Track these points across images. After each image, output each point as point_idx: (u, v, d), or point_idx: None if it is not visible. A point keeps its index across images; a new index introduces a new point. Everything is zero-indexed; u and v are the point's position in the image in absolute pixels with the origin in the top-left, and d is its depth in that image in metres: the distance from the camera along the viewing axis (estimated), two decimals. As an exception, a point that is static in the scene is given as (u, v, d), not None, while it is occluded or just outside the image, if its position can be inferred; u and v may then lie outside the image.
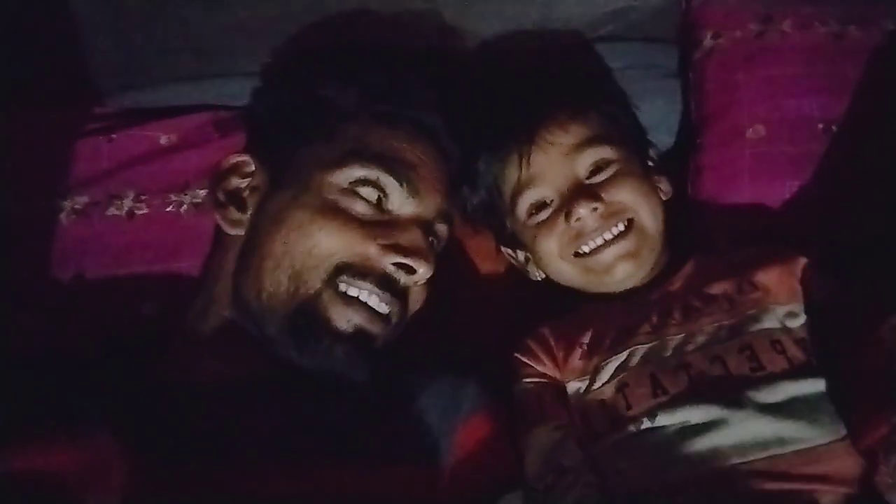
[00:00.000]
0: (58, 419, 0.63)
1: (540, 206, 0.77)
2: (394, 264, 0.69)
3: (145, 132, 0.91)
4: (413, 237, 0.70)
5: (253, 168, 0.75)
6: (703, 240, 0.85)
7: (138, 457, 0.62)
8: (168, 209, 0.87)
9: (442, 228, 0.76)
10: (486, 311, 0.89)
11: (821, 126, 0.82)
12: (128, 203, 0.87)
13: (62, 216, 0.85)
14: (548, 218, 0.76)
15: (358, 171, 0.70)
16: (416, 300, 0.75)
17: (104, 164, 0.88)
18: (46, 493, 0.59)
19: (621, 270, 0.74)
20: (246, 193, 0.74)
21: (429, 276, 0.70)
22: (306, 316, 0.67)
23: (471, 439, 0.69)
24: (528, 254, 0.83)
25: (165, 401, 0.67)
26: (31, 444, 0.61)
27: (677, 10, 0.93)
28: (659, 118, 0.92)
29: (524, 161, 0.76)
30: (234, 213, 0.73)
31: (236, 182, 0.75)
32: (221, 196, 0.74)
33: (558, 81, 0.81)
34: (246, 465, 0.63)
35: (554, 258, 0.77)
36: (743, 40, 0.87)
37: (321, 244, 0.67)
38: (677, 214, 0.85)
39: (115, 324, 0.82)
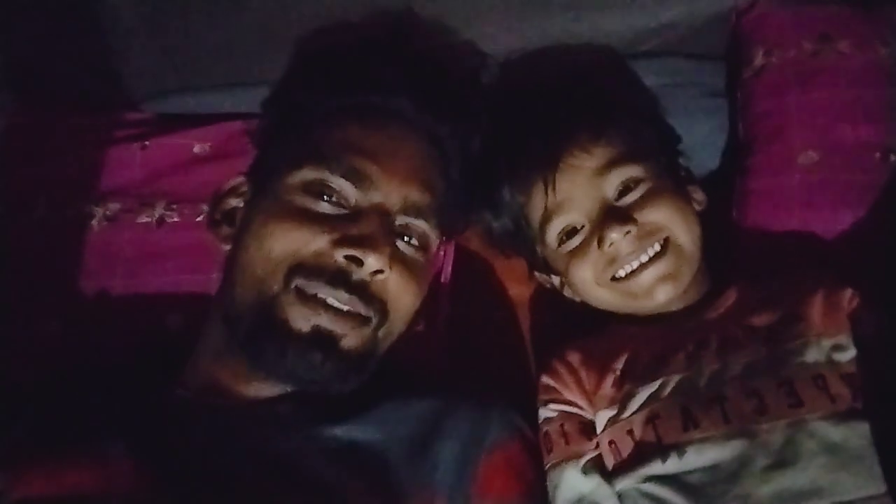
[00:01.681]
0: (75, 436, 0.64)
1: (570, 232, 0.74)
2: (345, 257, 0.65)
3: (179, 140, 0.91)
4: (364, 227, 0.66)
5: (245, 188, 0.76)
6: (747, 267, 0.81)
7: (155, 477, 0.62)
8: (199, 219, 0.86)
9: (418, 223, 0.71)
10: (514, 333, 0.87)
11: (878, 154, 0.78)
12: (159, 211, 0.88)
13: (94, 222, 0.86)
14: (580, 245, 0.74)
15: (309, 174, 0.68)
16: (398, 296, 0.69)
17: (137, 171, 0.89)
18: None
19: (662, 293, 0.71)
20: (239, 211, 0.75)
21: (380, 266, 0.65)
22: (265, 319, 0.65)
23: (496, 470, 0.67)
24: (563, 278, 0.80)
25: (183, 420, 0.67)
26: (47, 462, 0.61)
27: (726, 25, 0.88)
28: (703, 138, 0.89)
29: (550, 188, 0.73)
30: (225, 230, 0.74)
31: (234, 202, 0.76)
32: (217, 216, 0.76)
33: (579, 102, 0.79)
34: (256, 489, 0.62)
35: (590, 285, 0.75)
36: (797, 60, 0.82)
37: (275, 247, 0.66)
38: (721, 239, 0.82)
39: (139, 335, 0.82)
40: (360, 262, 0.65)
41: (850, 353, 0.64)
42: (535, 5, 0.85)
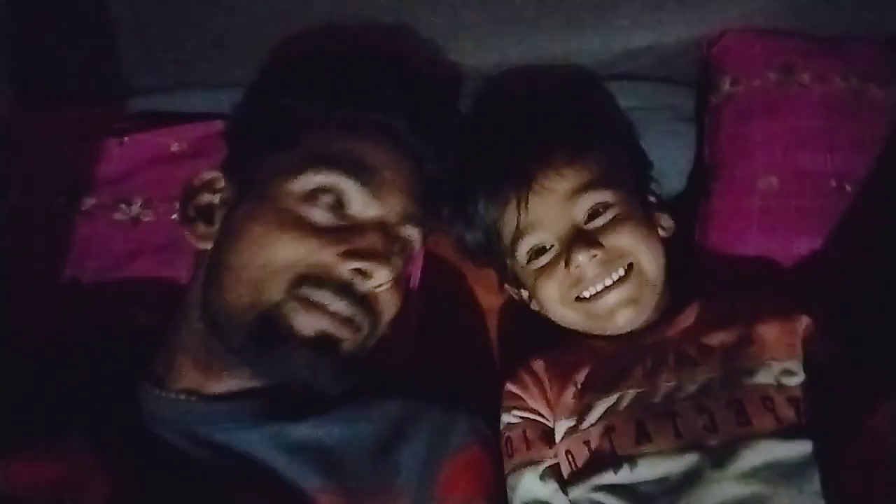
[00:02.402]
0: (38, 430, 0.63)
1: (540, 251, 0.76)
2: (351, 270, 0.67)
3: (157, 138, 0.91)
4: (370, 241, 0.68)
5: (222, 184, 0.75)
6: (707, 287, 0.84)
7: (117, 471, 0.62)
8: (173, 217, 0.87)
9: (410, 232, 0.74)
10: (482, 340, 0.89)
11: (834, 183, 0.82)
12: (135, 208, 0.88)
13: (68, 215, 0.86)
14: (548, 263, 0.76)
15: (315, 178, 0.69)
16: (387, 306, 0.72)
17: (114, 166, 0.89)
18: None
19: (623, 316, 0.74)
20: (216, 208, 0.74)
21: (387, 280, 0.68)
22: (269, 324, 0.66)
23: (459, 473, 0.69)
24: (530, 294, 0.82)
25: (147, 414, 0.67)
26: (9, 456, 0.61)
27: (696, 53, 0.92)
28: (671, 160, 0.92)
29: (522, 207, 0.75)
30: (201, 228, 0.73)
31: (208, 198, 0.75)
32: (192, 212, 0.74)
33: (555, 123, 0.80)
34: (219, 486, 0.63)
35: (555, 303, 0.77)
36: (761, 89, 0.86)
37: (278, 255, 0.66)
38: (682, 259, 0.84)
39: (107, 329, 0.81)
40: (368, 276, 0.67)
41: (798, 378, 0.67)
42: (515, 25, 0.87)
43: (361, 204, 0.70)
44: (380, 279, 0.68)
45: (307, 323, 0.66)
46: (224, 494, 0.63)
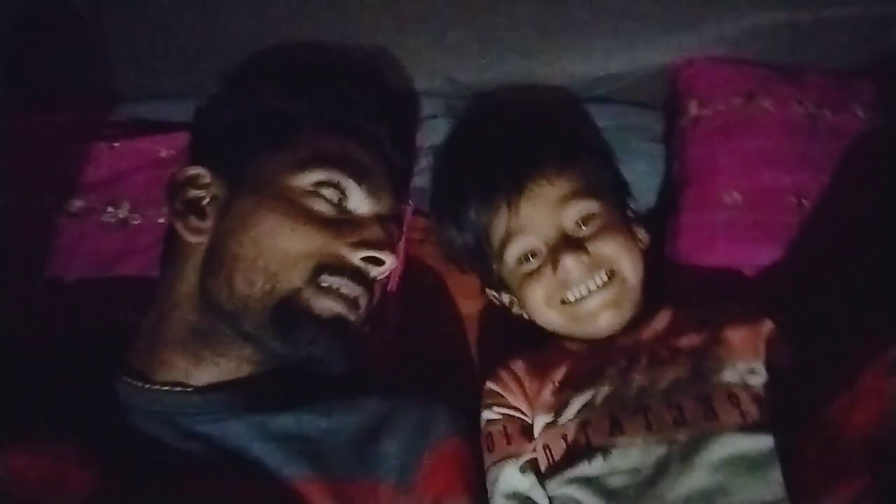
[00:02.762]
0: (19, 424, 0.64)
1: (529, 255, 0.79)
2: (363, 259, 0.73)
3: (146, 144, 0.93)
4: (375, 232, 0.75)
5: (208, 180, 0.77)
6: (677, 294, 0.87)
7: (100, 463, 0.63)
8: (160, 220, 0.88)
9: (394, 228, 0.80)
10: (461, 343, 0.91)
11: (793, 199, 0.86)
12: (122, 212, 0.90)
13: (56, 217, 0.87)
14: (536, 267, 0.79)
15: (319, 174, 0.74)
16: (377, 290, 0.78)
17: (103, 170, 0.91)
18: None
19: (605, 319, 0.77)
20: (205, 202, 0.76)
21: (393, 266, 0.76)
22: (289, 309, 0.70)
23: (439, 464, 0.71)
24: (514, 297, 0.85)
25: (129, 406, 0.68)
26: None
27: (665, 78, 0.97)
28: (642, 178, 0.96)
29: (512, 211, 0.79)
30: (195, 222, 0.75)
31: (193, 193, 0.76)
32: (180, 206, 0.76)
33: (548, 134, 0.85)
34: (205, 476, 0.64)
35: (541, 305, 0.80)
36: (726, 112, 0.92)
37: (295, 246, 0.71)
38: (654, 269, 0.88)
39: (90, 328, 0.82)
40: (379, 262, 0.73)
41: (762, 378, 0.71)
42: (498, 46, 0.92)
43: (359, 200, 0.76)
44: (389, 265, 0.74)
45: (326, 307, 0.71)
46: (210, 483, 0.64)
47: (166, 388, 0.70)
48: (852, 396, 0.59)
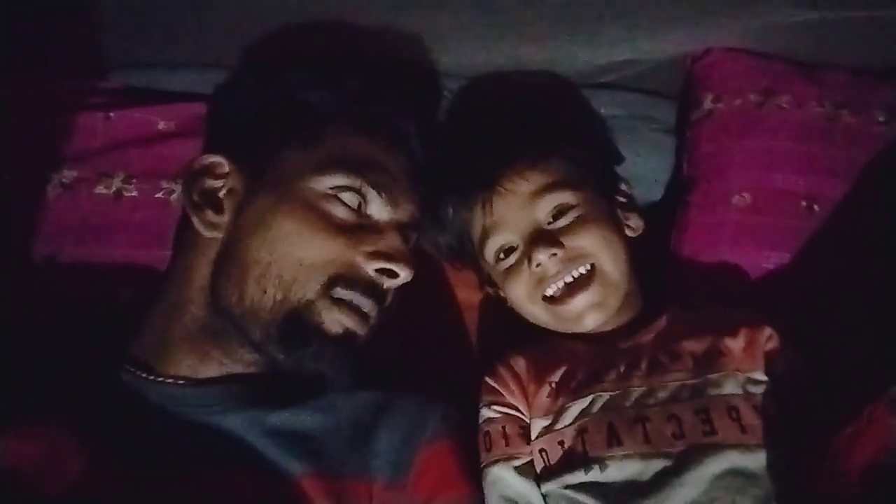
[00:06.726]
0: (17, 407, 0.63)
1: (507, 251, 0.79)
2: (377, 270, 0.71)
3: (143, 115, 0.90)
4: (393, 242, 0.73)
5: (227, 170, 0.74)
6: (680, 294, 0.87)
7: (99, 450, 0.62)
8: (158, 195, 0.87)
9: (413, 235, 0.79)
10: (460, 335, 0.90)
11: (804, 203, 0.85)
12: (117, 183, 0.87)
13: (49, 188, 0.85)
14: (514, 263, 0.78)
15: (340, 179, 0.71)
16: (390, 301, 0.76)
17: (98, 141, 0.88)
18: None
19: (591, 320, 0.76)
20: (222, 194, 0.73)
21: (409, 279, 0.73)
22: (298, 322, 0.68)
23: (433, 462, 0.71)
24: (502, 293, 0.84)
25: (132, 396, 0.67)
26: None
27: (681, 68, 0.94)
28: (651, 170, 0.95)
29: (487, 209, 0.78)
30: (212, 216, 0.72)
31: (210, 183, 0.74)
32: (196, 197, 0.73)
33: (521, 128, 0.83)
34: (204, 468, 0.64)
35: (524, 301, 0.79)
36: (742, 108, 0.89)
37: (311, 256, 0.68)
38: (658, 267, 0.87)
39: (88, 307, 0.81)
40: (394, 275, 0.71)
41: (763, 387, 0.70)
42: (504, 31, 0.88)
43: (379, 206, 0.73)
44: (404, 278, 0.72)
45: (337, 321, 0.69)
46: (207, 474, 0.64)
47: (170, 380, 0.69)
48: (857, 429, 0.58)
